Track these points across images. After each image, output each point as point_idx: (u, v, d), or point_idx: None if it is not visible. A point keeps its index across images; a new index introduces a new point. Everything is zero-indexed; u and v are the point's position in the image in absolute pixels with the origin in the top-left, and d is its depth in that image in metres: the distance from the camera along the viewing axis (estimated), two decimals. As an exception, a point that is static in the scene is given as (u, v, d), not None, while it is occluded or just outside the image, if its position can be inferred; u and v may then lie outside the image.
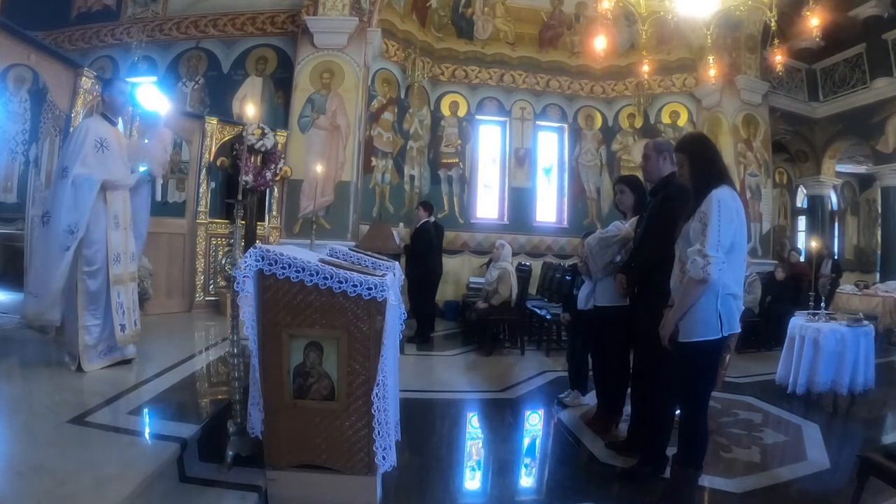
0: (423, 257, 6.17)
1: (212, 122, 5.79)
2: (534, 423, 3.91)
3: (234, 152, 5.75)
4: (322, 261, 2.19)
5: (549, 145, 9.32)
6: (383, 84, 7.91)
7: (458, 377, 4.81)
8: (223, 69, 7.23)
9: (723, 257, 2.15)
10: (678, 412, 2.60)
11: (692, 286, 2.19)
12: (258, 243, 2.80)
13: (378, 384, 2.14)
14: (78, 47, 7.53)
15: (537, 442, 3.55)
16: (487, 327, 5.91)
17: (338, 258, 2.67)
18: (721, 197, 2.19)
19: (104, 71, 6.96)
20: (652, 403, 2.81)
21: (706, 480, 2.64)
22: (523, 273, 5.97)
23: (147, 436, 2.26)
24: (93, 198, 2.96)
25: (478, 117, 8.94)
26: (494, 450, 3.24)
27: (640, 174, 3.34)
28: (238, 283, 2.09)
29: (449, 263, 7.99)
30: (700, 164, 2.35)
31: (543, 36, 9.05)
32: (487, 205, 9.05)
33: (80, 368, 3.00)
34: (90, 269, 3.03)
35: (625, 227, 3.41)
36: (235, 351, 2.38)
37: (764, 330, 6.37)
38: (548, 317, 5.84)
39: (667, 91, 8.78)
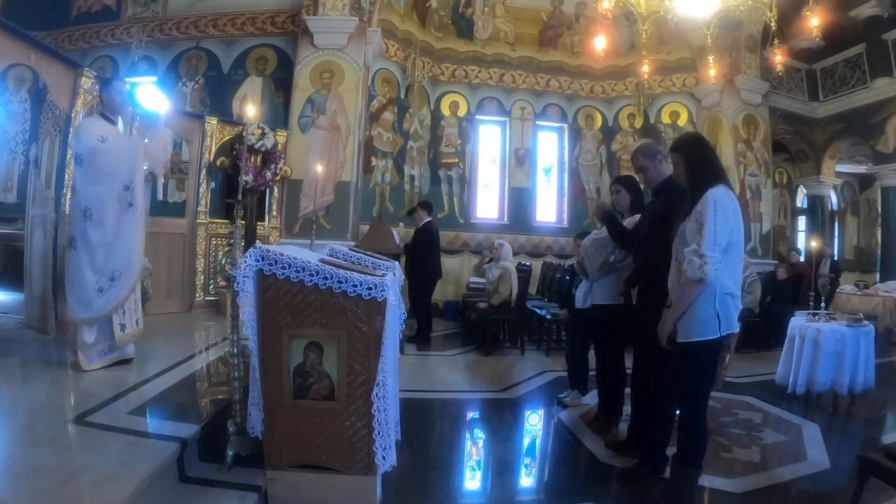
0: (423, 257, 6.16)
1: (212, 122, 5.79)
2: (534, 423, 3.91)
3: (234, 152, 5.75)
4: (322, 261, 2.19)
5: (549, 145, 9.32)
6: (383, 84, 7.91)
7: (458, 377, 4.81)
8: (223, 69, 7.23)
9: (719, 257, 2.15)
10: (678, 412, 2.60)
11: (689, 286, 2.18)
12: (258, 243, 2.80)
13: (378, 384, 2.14)
14: (78, 47, 7.52)
15: (537, 442, 3.55)
16: (487, 327, 5.91)
17: (338, 258, 2.67)
18: (717, 196, 2.19)
19: (104, 71, 6.95)
20: (652, 403, 2.81)
21: (706, 480, 2.64)
22: (523, 273, 5.97)
23: (147, 436, 2.26)
24: (127, 156, 3.06)
25: (478, 117, 8.94)
26: (494, 450, 3.25)
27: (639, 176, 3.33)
28: (238, 283, 2.09)
29: (449, 263, 7.99)
30: (696, 163, 2.35)
31: (543, 36, 9.05)
32: (487, 205, 9.05)
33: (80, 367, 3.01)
34: None
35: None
36: (235, 351, 2.38)
37: (764, 330, 6.37)
38: (548, 317, 5.84)
39: (667, 91, 8.78)
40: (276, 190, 6.24)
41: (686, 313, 2.24)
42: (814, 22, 4.30)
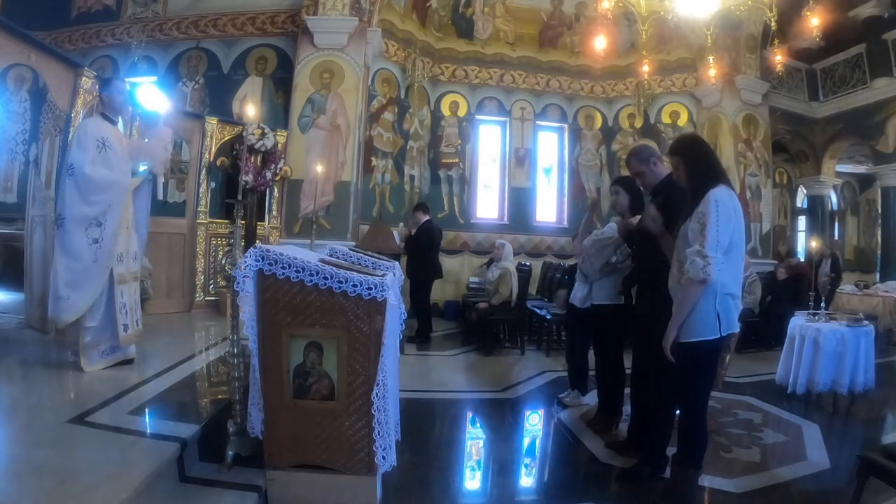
0: (423, 257, 6.16)
1: (212, 122, 5.79)
2: (534, 423, 3.91)
3: (234, 152, 5.75)
4: (322, 261, 2.19)
5: (549, 145, 9.32)
6: (383, 84, 7.91)
7: (458, 377, 4.81)
8: (223, 69, 7.23)
9: (722, 257, 2.15)
10: (678, 412, 2.60)
11: (692, 287, 2.18)
12: (258, 243, 2.80)
13: (378, 384, 2.14)
14: (78, 47, 7.53)
15: (537, 442, 3.55)
16: (487, 327, 5.91)
17: (338, 258, 2.67)
18: (719, 196, 2.19)
19: (104, 71, 6.96)
20: (652, 403, 2.81)
21: (706, 480, 2.64)
22: (523, 273, 5.97)
23: (147, 436, 2.26)
24: (112, 194, 3.03)
25: (478, 117, 8.95)
26: (494, 450, 3.25)
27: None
28: (238, 283, 2.09)
29: (449, 263, 8.00)
30: (696, 165, 2.35)
31: (543, 36, 9.05)
32: (487, 205, 9.06)
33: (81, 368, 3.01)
34: None
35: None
36: (235, 351, 2.38)
37: (764, 330, 6.37)
38: (548, 317, 5.84)
39: (667, 91, 8.78)
40: (276, 190, 6.24)
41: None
42: (814, 22, 4.30)
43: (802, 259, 8.46)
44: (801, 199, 11.50)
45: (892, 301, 7.22)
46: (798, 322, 4.37)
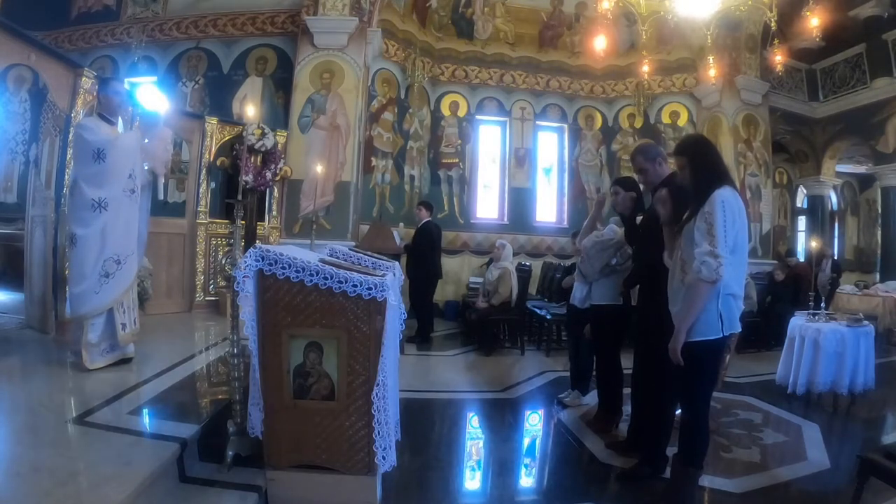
0: (424, 257, 6.16)
1: (212, 122, 5.79)
2: (534, 423, 3.91)
3: (234, 152, 5.74)
4: (322, 261, 2.19)
5: (549, 145, 9.32)
6: (383, 84, 7.92)
7: (458, 377, 4.81)
8: (223, 69, 7.23)
9: (730, 257, 2.15)
10: (678, 412, 2.59)
11: (701, 287, 2.15)
12: (258, 243, 2.80)
13: (378, 384, 2.14)
14: (78, 47, 7.53)
15: (537, 442, 3.54)
16: (487, 327, 5.91)
17: (338, 258, 2.67)
18: (724, 197, 2.18)
19: (104, 71, 6.95)
20: (652, 403, 2.81)
21: (706, 480, 2.64)
22: (523, 273, 5.96)
23: (147, 436, 2.26)
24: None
25: (478, 117, 8.95)
26: (494, 450, 3.25)
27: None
28: (238, 283, 2.09)
29: (449, 263, 8.00)
30: (702, 165, 2.34)
31: (543, 36, 9.06)
32: (487, 205, 9.06)
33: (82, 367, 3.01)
34: None
35: (620, 229, 3.43)
36: (235, 351, 2.38)
37: (764, 330, 6.37)
38: (548, 317, 5.84)
39: (667, 91, 8.78)
40: (276, 190, 6.23)
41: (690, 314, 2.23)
42: (814, 22, 4.30)
43: (802, 259, 8.45)
44: (801, 200, 11.50)
45: (892, 301, 7.23)
46: (798, 322, 4.37)
